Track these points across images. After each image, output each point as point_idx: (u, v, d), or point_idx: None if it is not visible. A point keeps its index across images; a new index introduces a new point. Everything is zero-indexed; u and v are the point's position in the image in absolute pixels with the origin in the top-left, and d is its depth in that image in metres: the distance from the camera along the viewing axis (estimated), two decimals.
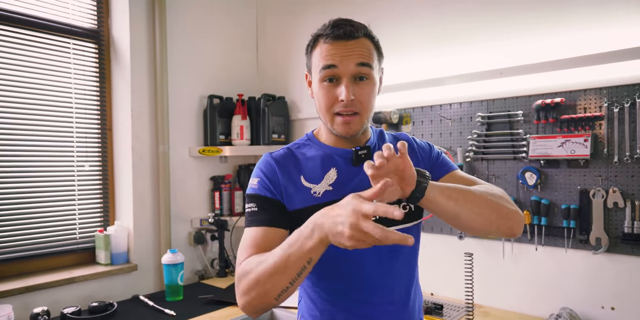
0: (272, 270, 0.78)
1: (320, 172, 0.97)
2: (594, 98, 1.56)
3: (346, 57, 0.90)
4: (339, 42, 0.91)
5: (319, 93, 0.94)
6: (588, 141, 1.54)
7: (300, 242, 0.75)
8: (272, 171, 0.97)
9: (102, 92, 2.17)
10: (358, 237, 0.67)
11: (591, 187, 1.56)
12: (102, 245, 2.05)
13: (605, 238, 1.53)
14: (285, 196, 0.95)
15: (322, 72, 0.92)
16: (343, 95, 0.90)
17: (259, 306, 0.83)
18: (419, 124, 2.02)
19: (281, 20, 2.63)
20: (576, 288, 1.61)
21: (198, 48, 2.42)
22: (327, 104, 0.93)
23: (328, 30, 0.92)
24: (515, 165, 1.74)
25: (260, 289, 0.80)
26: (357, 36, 0.92)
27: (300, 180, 0.96)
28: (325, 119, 0.96)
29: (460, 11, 1.90)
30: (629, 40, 1.48)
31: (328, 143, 1.02)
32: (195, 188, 2.42)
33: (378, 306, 0.97)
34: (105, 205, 2.18)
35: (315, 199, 0.94)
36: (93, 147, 2.15)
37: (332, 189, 0.95)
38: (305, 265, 0.76)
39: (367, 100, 0.94)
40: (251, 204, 0.95)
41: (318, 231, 0.73)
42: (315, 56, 0.96)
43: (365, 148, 0.99)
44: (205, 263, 2.41)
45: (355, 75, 0.91)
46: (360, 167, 0.98)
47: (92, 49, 2.14)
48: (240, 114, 2.43)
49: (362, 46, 0.92)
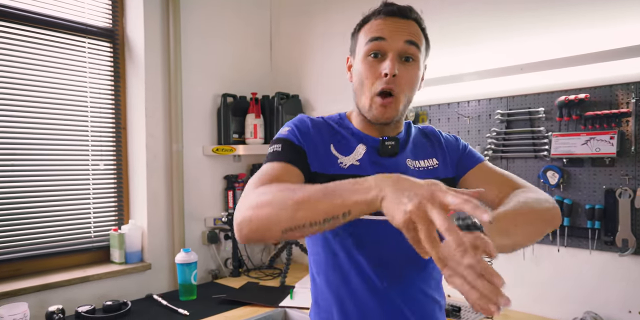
0: (302, 198, 0.66)
1: (350, 145, 0.95)
2: (621, 94, 1.50)
3: (396, 31, 0.88)
4: (391, 18, 0.89)
5: (361, 68, 0.90)
6: (614, 138, 1.48)
7: (350, 190, 0.63)
8: (305, 127, 0.94)
9: (117, 91, 2.18)
10: (416, 217, 0.55)
11: (617, 187, 1.50)
12: (117, 244, 2.05)
13: (632, 239, 1.47)
14: (311, 154, 0.90)
15: (369, 45, 0.88)
16: (387, 68, 0.86)
17: (260, 230, 0.70)
18: (436, 122, 1.98)
19: (296, 18, 2.61)
20: (601, 291, 1.55)
21: (212, 46, 2.41)
22: (369, 81, 0.89)
23: (381, 7, 0.91)
24: (537, 164, 1.69)
25: (275, 210, 0.67)
26: (410, 17, 0.90)
27: (330, 147, 0.94)
28: (364, 98, 0.91)
29: (479, 7, 1.85)
30: None
31: (358, 127, 0.99)
32: (208, 187, 2.41)
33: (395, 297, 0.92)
34: (119, 204, 2.19)
35: (341, 169, 0.92)
36: (108, 146, 2.15)
37: (359, 164, 0.93)
38: (339, 215, 0.64)
39: (410, 83, 0.89)
40: (276, 145, 0.90)
41: (376, 190, 0.61)
42: (362, 33, 0.93)
43: (393, 139, 0.95)
44: (218, 262, 2.40)
45: (402, 53, 0.88)
46: (384, 158, 0.95)
47: (107, 48, 2.14)
48: (253, 113, 2.41)
49: (413, 27, 0.90)
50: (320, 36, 2.48)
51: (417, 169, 0.97)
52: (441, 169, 1.00)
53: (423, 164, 0.99)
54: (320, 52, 2.48)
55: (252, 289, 2.06)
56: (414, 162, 0.98)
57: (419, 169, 0.98)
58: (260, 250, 2.62)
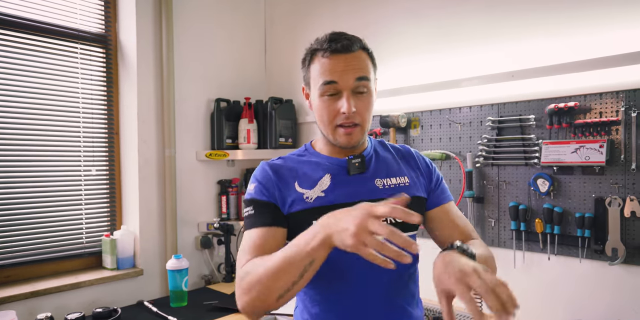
0: (275, 270, 0.78)
1: (314, 179, 1.00)
2: (610, 102, 1.49)
3: (345, 71, 0.93)
4: (338, 56, 0.93)
5: (320, 107, 0.97)
6: (604, 147, 1.48)
7: (304, 243, 0.76)
8: (267, 178, 1.00)
9: (109, 97, 2.18)
10: (362, 237, 0.66)
11: (607, 195, 1.49)
12: (109, 249, 2.05)
13: (622, 249, 1.46)
14: (280, 201, 0.98)
15: (323, 88, 0.94)
16: (344, 108, 0.93)
17: (260, 306, 0.82)
18: (428, 128, 1.97)
19: (290, 23, 2.61)
20: (591, 300, 1.55)
21: (205, 51, 2.41)
22: (328, 117, 0.96)
23: (325, 44, 0.94)
24: (527, 171, 1.68)
25: (262, 288, 0.79)
26: (354, 49, 0.95)
27: (294, 186, 0.99)
28: (327, 131, 0.99)
29: (470, 12, 1.84)
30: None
31: (324, 152, 1.05)
32: (202, 192, 2.41)
33: (371, 314, 0.96)
34: (112, 210, 2.19)
35: (306, 204, 0.97)
36: (100, 152, 2.15)
37: (324, 195, 0.98)
38: (307, 266, 0.76)
39: (367, 112, 0.98)
40: (248, 208, 0.98)
41: (322, 231, 0.73)
42: (313, 71, 0.98)
43: (359, 157, 1.01)
44: (212, 268, 2.40)
45: (355, 89, 0.95)
46: (353, 176, 1.00)
47: (100, 54, 2.14)
48: (247, 118, 2.41)
49: (359, 60, 0.95)
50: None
51: (387, 187, 1.01)
52: (412, 187, 1.03)
53: (394, 181, 1.02)
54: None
55: None
56: (384, 180, 1.02)
57: (390, 186, 1.01)
58: None
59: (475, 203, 1.82)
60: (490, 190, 1.78)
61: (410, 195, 1.00)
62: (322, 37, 0.98)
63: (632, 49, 1.41)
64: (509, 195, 1.73)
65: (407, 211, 0.65)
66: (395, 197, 0.73)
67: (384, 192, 0.99)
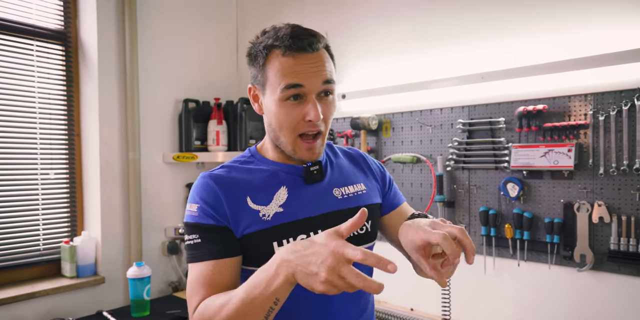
0: (237, 314, 0.70)
1: (268, 191, 0.87)
2: (579, 105, 1.46)
3: (312, 73, 0.81)
4: (302, 55, 0.81)
5: (280, 112, 0.83)
6: (572, 151, 1.45)
7: (265, 282, 0.68)
8: (213, 195, 0.84)
9: (70, 96, 2.08)
10: (334, 282, 0.61)
11: (576, 201, 1.46)
12: (68, 256, 1.96)
13: (590, 255, 1.43)
14: (232, 221, 0.83)
15: (286, 91, 0.81)
16: (312, 115, 0.81)
17: None
18: (399, 130, 1.93)
19: (261, 22, 2.54)
20: (560, 307, 1.52)
21: (172, 50, 2.32)
22: (290, 125, 0.83)
23: (287, 41, 0.81)
24: (497, 175, 1.65)
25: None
26: (319, 48, 0.83)
27: (247, 201, 0.85)
28: (286, 140, 0.86)
29: (441, 13, 1.80)
30: (615, 43, 1.38)
31: (275, 159, 0.92)
32: (169, 195, 2.32)
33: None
34: (72, 215, 2.09)
35: (264, 223, 0.84)
36: (59, 154, 2.05)
37: (282, 210, 0.86)
38: (272, 306, 0.69)
39: (331, 115, 0.87)
40: (192, 235, 0.83)
41: (285, 269, 0.66)
42: (272, 71, 0.83)
43: (317, 163, 0.91)
44: (179, 274, 2.32)
45: (321, 92, 0.83)
46: (312, 185, 0.90)
47: (58, 51, 2.04)
48: (216, 119, 2.33)
49: (324, 59, 0.84)
50: None
51: (346, 197, 0.93)
52: (367, 195, 0.96)
53: (351, 189, 0.95)
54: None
55: None
56: (341, 189, 0.93)
57: (347, 196, 0.93)
58: None
59: (446, 207, 1.78)
60: (461, 194, 1.74)
61: (368, 203, 0.95)
62: (278, 30, 0.83)
63: (599, 51, 1.39)
64: (480, 200, 1.69)
65: (380, 258, 0.59)
66: (358, 215, 0.65)
67: (342, 203, 0.91)
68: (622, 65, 1.36)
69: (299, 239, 0.85)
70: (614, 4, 1.40)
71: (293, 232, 0.85)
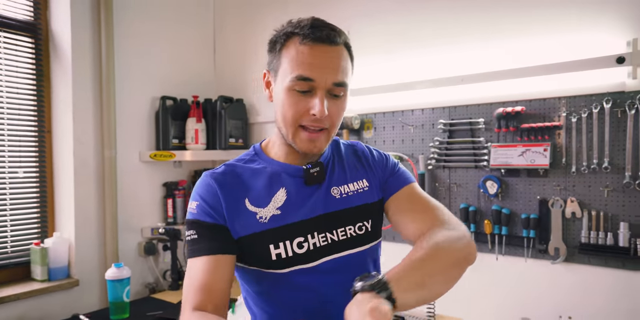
0: None
1: (267, 193, 0.87)
2: (553, 107, 1.56)
3: (325, 69, 0.80)
4: (319, 47, 0.80)
5: (286, 101, 0.82)
6: (547, 151, 1.54)
7: None
8: (212, 194, 0.85)
9: (40, 91, 1.98)
10: None
11: (550, 197, 1.56)
12: (38, 259, 1.87)
13: (563, 248, 1.53)
14: (229, 221, 0.84)
15: (295, 82, 0.80)
16: (316, 109, 0.80)
17: None
18: (381, 130, 1.97)
19: (240, 21, 2.52)
20: (535, 298, 1.61)
21: (150, 46, 2.26)
22: (293, 115, 0.82)
23: (306, 29, 0.80)
24: (477, 173, 1.72)
25: None
26: (338, 43, 0.82)
27: (245, 203, 0.86)
28: (287, 130, 0.84)
29: (424, 16, 1.86)
30: (588, 50, 1.48)
31: (277, 158, 0.91)
32: (146, 195, 2.26)
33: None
34: (42, 215, 1.99)
35: (260, 225, 0.84)
36: (29, 152, 1.95)
37: (279, 213, 0.86)
38: None
39: (338, 118, 0.86)
40: (191, 231, 0.85)
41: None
42: (286, 57, 0.82)
43: (317, 165, 0.89)
44: (156, 275, 2.26)
45: (330, 90, 0.82)
46: (312, 187, 0.89)
47: (28, 44, 1.94)
48: (195, 117, 2.29)
49: (341, 57, 0.82)
50: (266, 40, 2.39)
51: (344, 196, 0.91)
52: (369, 193, 0.94)
53: (352, 187, 0.92)
54: (267, 56, 2.40)
55: None
56: (340, 188, 0.91)
57: (347, 194, 0.91)
58: None
59: None
60: (442, 192, 1.81)
61: (369, 201, 0.93)
62: (301, 21, 0.82)
63: (572, 57, 1.48)
64: (460, 197, 1.76)
65: None
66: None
67: (341, 203, 0.90)
68: (592, 71, 1.47)
69: (295, 241, 0.85)
70: (589, 12, 1.50)
71: (288, 235, 0.85)
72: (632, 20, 1.43)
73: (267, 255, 0.84)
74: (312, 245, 0.85)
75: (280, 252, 0.84)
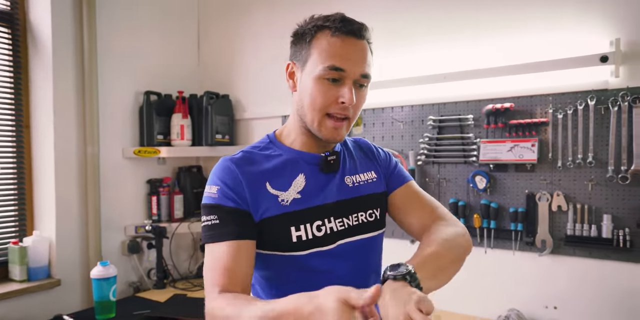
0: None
1: (286, 178, 0.90)
2: (540, 104, 1.61)
3: (355, 61, 0.85)
4: (350, 39, 0.85)
5: (315, 89, 0.86)
6: (535, 146, 1.58)
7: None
8: (234, 178, 0.86)
9: (17, 84, 1.90)
10: None
11: (537, 191, 1.61)
12: (17, 259, 1.80)
13: (549, 240, 1.58)
14: (252, 204, 0.86)
15: (327, 71, 0.84)
16: (346, 97, 0.84)
17: None
18: (370, 126, 1.99)
19: (226, 15, 2.48)
20: (523, 289, 1.66)
21: (134, 39, 2.20)
22: (322, 103, 0.86)
23: (338, 23, 0.85)
24: (466, 169, 1.76)
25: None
26: (365, 37, 0.88)
27: (266, 186, 0.88)
28: (313, 117, 0.87)
29: (414, 13, 1.88)
30: (572, 49, 1.53)
31: (293, 146, 0.94)
32: (129, 192, 2.20)
33: None
34: (20, 213, 1.91)
35: (283, 208, 0.87)
36: (6, 147, 1.87)
37: (300, 197, 0.89)
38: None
39: (361, 105, 0.91)
40: (211, 216, 0.85)
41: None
42: (316, 48, 0.86)
43: (334, 153, 0.94)
44: (141, 274, 2.21)
45: (357, 82, 0.88)
46: (328, 175, 0.94)
47: (4, 34, 1.86)
48: (180, 112, 2.25)
49: (366, 51, 0.88)
50: (252, 36, 2.38)
51: (356, 185, 0.96)
52: (378, 183, 1.00)
53: (363, 177, 0.99)
54: (253, 51, 2.38)
55: (179, 302, 1.92)
56: (352, 177, 0.97)
57: (359, 183, 0.97)
58: (187, 258, 2.46)
59: None
60: (432, 187, 1.84)
61: (378, 191, 0.99)
62: (330, 15, 0.88)
63: (558, 56, 1.53)
64: (449, 192, 1.79)
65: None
66: (373, 292, 0.62)
67: (354, 191, 0.95)
68: (577, 69, 1.52)
69: (315, 224, 0.88)
70: (575, 11, 1.55)
71: (309, 218, 0.89)
72: (615, 20, 1.49)
73: (288, 237, 0.86)
74: (329, 229, 0.89)
75: (300, 234, 0.87)
